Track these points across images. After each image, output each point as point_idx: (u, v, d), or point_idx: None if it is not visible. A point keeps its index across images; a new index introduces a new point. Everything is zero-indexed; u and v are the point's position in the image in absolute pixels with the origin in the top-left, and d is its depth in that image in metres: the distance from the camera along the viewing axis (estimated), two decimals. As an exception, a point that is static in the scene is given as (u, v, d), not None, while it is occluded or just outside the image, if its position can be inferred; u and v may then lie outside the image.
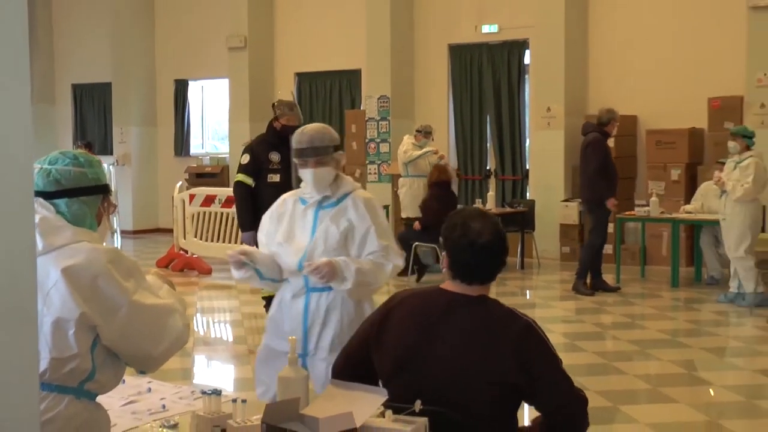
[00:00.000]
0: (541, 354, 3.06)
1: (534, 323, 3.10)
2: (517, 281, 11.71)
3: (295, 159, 4.30)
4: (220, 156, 16.86)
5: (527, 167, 13.96)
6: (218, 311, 10.60)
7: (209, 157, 16.98)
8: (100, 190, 2.96)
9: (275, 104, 8.36)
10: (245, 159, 8.04)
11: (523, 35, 13.76)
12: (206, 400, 3.07)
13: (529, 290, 11.50)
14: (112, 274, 2.78)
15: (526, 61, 13.90)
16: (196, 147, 17.77)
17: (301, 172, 4.25)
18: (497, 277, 3.19)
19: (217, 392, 3.08)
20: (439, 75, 14.59)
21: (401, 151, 12.70)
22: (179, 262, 12.76)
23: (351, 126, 14.87)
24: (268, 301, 7.71)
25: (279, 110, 8.16)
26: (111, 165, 16.72)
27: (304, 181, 4.28)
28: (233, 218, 12.61)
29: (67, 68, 18.72)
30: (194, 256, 12.77)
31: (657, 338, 8.47)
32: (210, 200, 13.00)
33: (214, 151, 17.61)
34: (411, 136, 12.80)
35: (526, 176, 13.95)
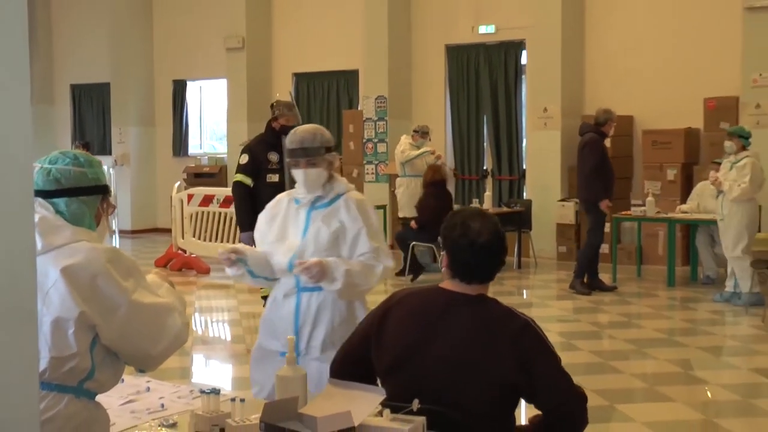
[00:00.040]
0: (540, 352, 3.06)
1: (532, 322, 3.10)
2: (514, 281, 11.72)
3: (287, 159, 4.30)
4: (218, 156, 16.85)
5: (524, 167, 13.95)
6: (216, 310, 10.61)
7: (207, 157, 16.97)
8: (100, 190, 2.96)
9: (274, 104, 8.35)
10: (244, 159, 8.02)
11: (519, 36, 13.75)
12: (205, 399, 3.07)
13: (526, 290, 11.51)
14: (111, 273, 2.78)
15: (523, 61, 13.89)
16: (194, 147, 17.77)
17: (293, 173, 4.24)
18: (495, 276, 3.20)
19: (215, 391, 3.08)
20: (437, 75, 14.58)
21: (398, 151, 12.72)
22: (177, 261, 12.77)
23: (348, 126, 14.87)
24: (267, 301, 7.71)
25: (278, 110, 8.15)
26: (111, 168, 16.76)
27: (297, 181, 4.27)
28: (231, 218, 12.62)
29: (65, 69, 18.71)
30: (192, 256, 12.77)
31: (653, 337, 8.49)
32: (208, 200, 12.99)
33: (212, 151, 17.59)
34: (408, 137, 12.82)
35: (523, 176, 13.95)
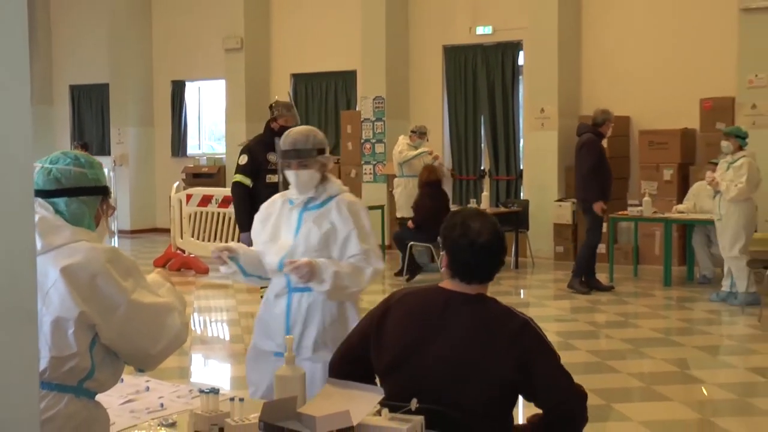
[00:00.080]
0: (540, 351, 3.07)
1: (531, 321, 3.11)
2: (512, 280, 11.74)
3: (278, 160, 4.31)
4: (216, 156, 16.85)
5: (521, 167, 13.97)
6: (215, 310, 10.62)
7: (206, 157, 16.97)
8: (100, 191, 2.96)
9: (273, 105, 8.38)
10: (243, 160, 8.03)
11: (516, 37, 13.79)
12: (204, 399, 3.08)
13: (523, 289, 11.52)
14: (110, 273, 2.78)
15: (520, 62, 13.91)
16: (192, 147, 17.79)
17: (285, 174, 4.25)
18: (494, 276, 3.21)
19: (214, 391, 3.08)
20: (434, 76, 14.60)
21: (396, 151, 12.74)
22: (176, 261, 12.78)
23: (347, 127, 14.87)
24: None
25: (277, 111, 8.18)
26: (111, 171, 16.78)
27: (289, 182, 4.29)
28: (230, 218, 12.66)
29: (64, 69, 18.72)
30: (191, 256, 12.79)
31: (650, 337, 8.51)
32: (207, 200, 13.02)
33: (211, 152, 17.61)
34: (406, 137, 12.84)
35: (520, 176, 13.97)
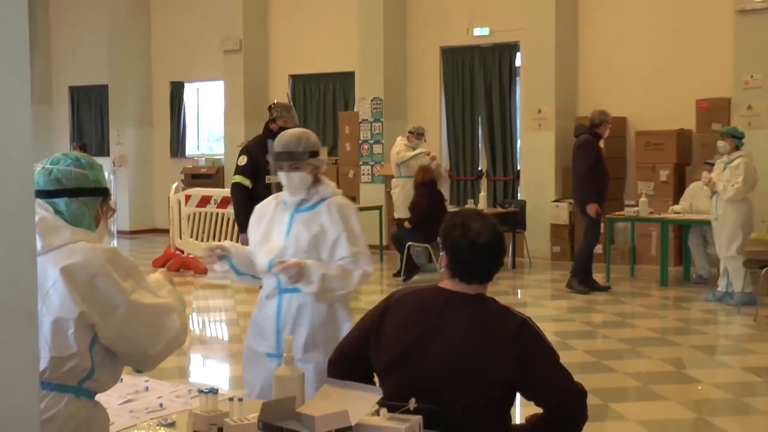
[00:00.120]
0: (539, 350, 3.10)
1: (529, 320, 3.14)
2: (509, 281, 11.75)
3: (271, 162, 4.34)
4: (215, 157, 16.89)
5: (518, 168, 14.02)
6: (214, 310, 10.65)
7: (205, 158, 17.01)
8: (100, 192, 2.96)
9: (272, 106, 8.39)
10: (243, 161, 8.04)
11: (514, 38, 13.83)
12: (203, 399, 3.09)
13: (520, 289, 11.54)
14: (110, 273, 2.78)
15: (517, 63, 13.95)
16: (191, 148, 17.82)
17: (278, 175, 4.27)
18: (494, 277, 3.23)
19: (213, 391, 3.09)
20: (432, 77, 14.64)
21: (394, 152, 12.74)
22: (175, 262, 12.80)
23: (345, 127, 14.90)
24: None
25: (276, 112, 8.19)
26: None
27: (282, 183, 4.30)
28: (228, 218, 12.71)
29: (64, 70, 18.75)
30: (190, 256, 12.81)
31: (647, 336, 8.53)
32: (205, 201, 13.06)
33: (210, 153, 17.65)
34: (404, 138, 12.83)
35: (517, 177, 14.01)
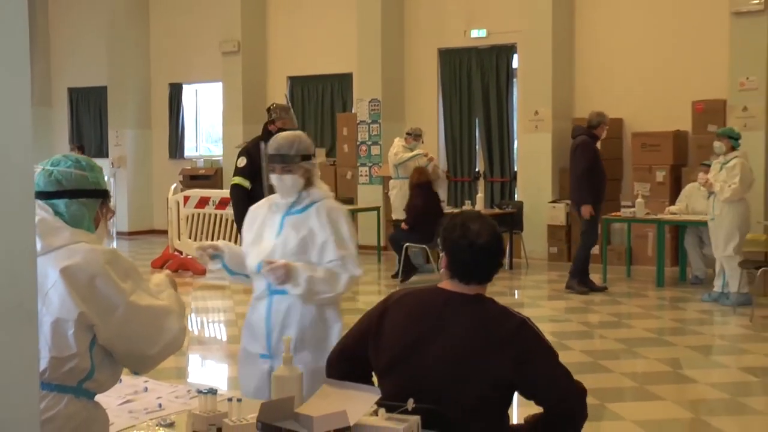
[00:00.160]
0: (538, 350, 3.12)
1: (528, 320, 3.16)
2: (506, 281, 11.77)
3: (263, 164, 4.36)
4: (213, 158, 16.93)
5: (515, 169, 14.06)
6: (212, 311, 10.67)
7: (203, 159, 17.03)
8: (100, 194, 2.98)
9: (271, 108, 8.41)
10: (242, 162, 8.02)
11: (511, 40, 13.87)
12: (202, 399, 3.10)
13: (517, 290, 11.56)
14: (109, 274, 2.80)
15: (514, 65, 14.00)
16: (190, 149, 17.85)
17: (270, 178, 4.29)
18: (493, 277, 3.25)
19: (212, 391, 3.10)
20: (429, 79, 14.68)
21: (392, 153, 12.78)
22: (174, 262, 12.82)
23: (343, 129, 14.93)
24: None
25: (275, 113, 8.22)
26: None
27: (274, 186, 4.33)
28: (227, 219, 12.73)
29: (63, 72, 18.78)
30: (189, 257, 12.80)
31: (643, 337, 8.56)
32: (204, 202, 13.08)
33: (208, 154, 17.70)
34: (401, 139, 12.88)
35: (515, 178, 14.05)
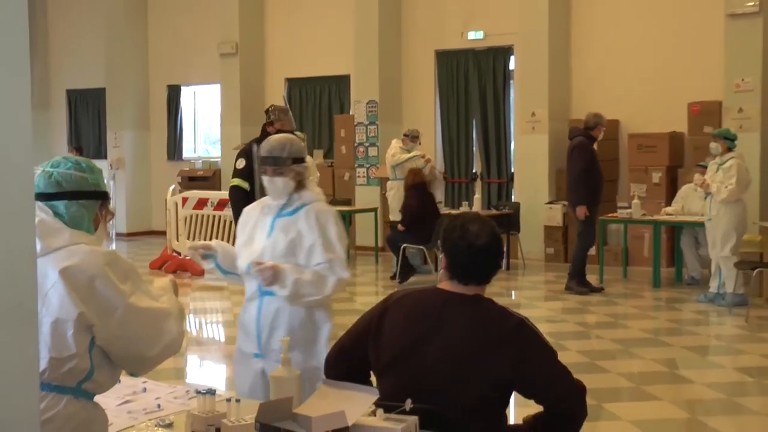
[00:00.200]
0: (536, 349, 3.11)
1: (526, 319, 3.15)
2: (503, 282, 11.79)
3: (256, 166, 4.39)
4: (212, 160, 16.95)
5: (512, 170, 14.08)
6: (210, 312, 10.70)
7: (201, 161, 17.04)
8: (100, 196, 2.99)
9: (269, 109, 8.42)
10: (241, 164, 8.01)
11: (508, 42, 13.91)
12: (201, 400, 3.10)
13: (514, 291, 11.58)
14: (109, 276, 2.80)
15: (511, 66, 14.03)
16: (188, 151, 17.87)
17: (262, 179, 4.31)
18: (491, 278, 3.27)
19: (211, 392, 3.11)
20: (426, 80, 14.71)
21: (389, 154, 12.80)
22: (172, 263, 12.87)
23: (340, 130, 14.97)
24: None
25: (273, 115, 8.23)
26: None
27: (266, 188, 4.35)
28: (225, 220, 12.77)
29: (61, 74, 18.80)
30: (187, 258, 12.78)
31: (639, 337, 8.59)
32: (202, 203, 13.11)
33: (206, 155, 17.72)
34: (399, 140, 12.90)
35: (511, 179, 14.08)
